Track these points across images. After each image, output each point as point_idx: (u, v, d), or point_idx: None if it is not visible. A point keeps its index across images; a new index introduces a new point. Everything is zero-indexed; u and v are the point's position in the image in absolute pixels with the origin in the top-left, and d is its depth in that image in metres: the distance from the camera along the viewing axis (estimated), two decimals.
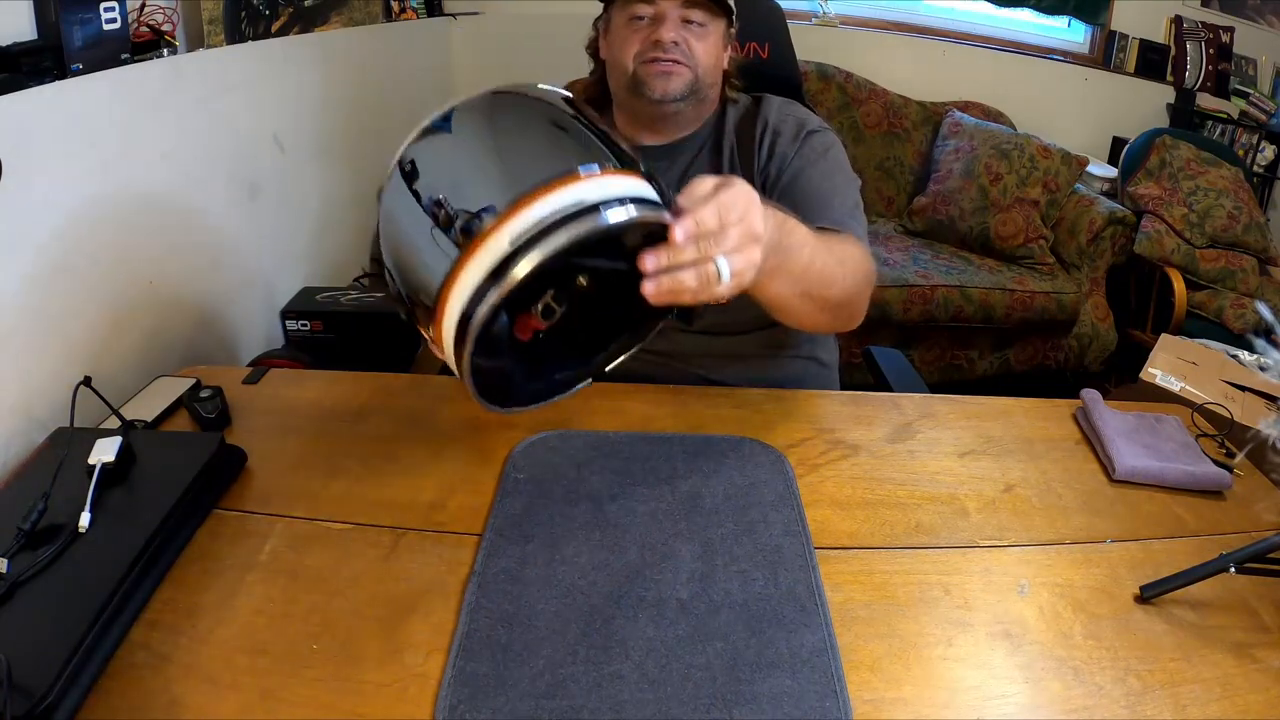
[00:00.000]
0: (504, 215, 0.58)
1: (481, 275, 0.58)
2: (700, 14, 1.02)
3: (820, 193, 1.03)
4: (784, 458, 0.93)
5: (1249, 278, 2.50)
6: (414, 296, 0.65)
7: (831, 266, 0.85)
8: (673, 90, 1.03)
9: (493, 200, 0.59)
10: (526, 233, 0.57)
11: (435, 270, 0.61)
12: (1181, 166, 2.62)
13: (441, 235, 0.61)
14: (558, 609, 0.72)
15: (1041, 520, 0.87)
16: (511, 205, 0.58)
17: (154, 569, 0.75)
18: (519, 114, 0.70)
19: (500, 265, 0.57)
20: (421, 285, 0.63)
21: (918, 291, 2.30)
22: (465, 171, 0.64)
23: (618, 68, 1.06)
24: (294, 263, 1.96)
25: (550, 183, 0.59)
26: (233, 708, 0.64)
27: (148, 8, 1.35)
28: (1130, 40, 2.99)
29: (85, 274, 1.19)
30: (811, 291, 0.85)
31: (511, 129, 0.68)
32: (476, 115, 0.68)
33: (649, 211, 0.61)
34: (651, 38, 1.01)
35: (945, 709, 0.66)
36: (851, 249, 0.93)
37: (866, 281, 0.94)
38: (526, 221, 0.57)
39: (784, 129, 1.08)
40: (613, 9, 1.06)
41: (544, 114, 0.69)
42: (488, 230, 0.58)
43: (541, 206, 0.58)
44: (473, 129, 0.68)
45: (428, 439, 0.96)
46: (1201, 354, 1.42)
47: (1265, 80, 2.91)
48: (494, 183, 0.62)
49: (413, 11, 2.69)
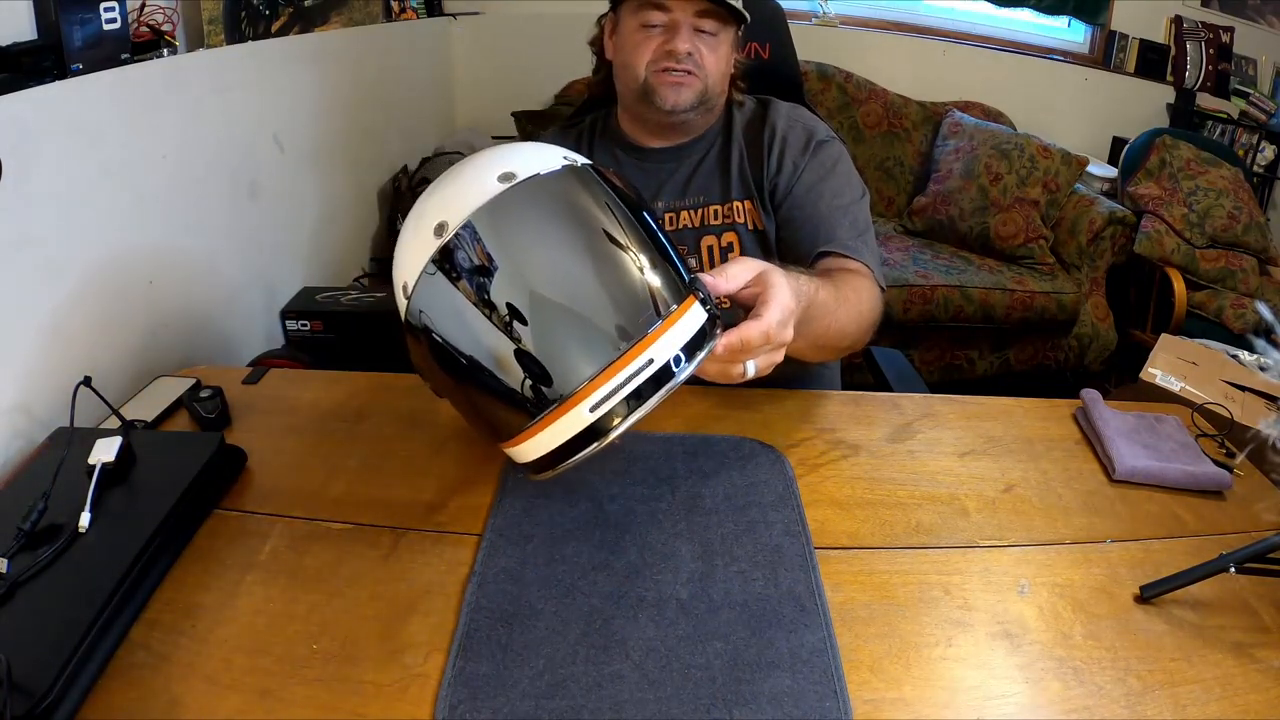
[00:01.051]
0: (582, 391, 0.61)
1: (557, 443, 0.63)
2: (712, 23, 1.01)
3: (831, 213, 1.04)
4: (784, 458, 0.93)
5: (1249, 278, 2.50)
6: (475, 406, 0.68)
7: (849, 319, 0.89)
8: (683, 102, 1.02)
9: (572, 369, 0.61)
10: (605, 401, 0.61)
11: (507, 419, 0.64)
12: (1181, 166, 2.62)
13: (518, 385, 0.62)
14: (558, 609, 0.72)
15: (1041, 520, 0.87)
16: (590, 380, 0.61)
17: (154, 569, 0.75)
18: (578, 240, 0.65)
19: (581, 434, 0.62)
20: (489, 414, 0.67)
21: (918, 291, 2.29)
22: (544, 321, 0.62)
23: (628, 73, 1.04)
24: (294, 263, 1.96)
25: (624, 356, 0.61)
26: (233, 708, 0.64)
27: (148, 8, 1.35)
28: (1130, 40, 2.99)
29: (85, 273, 1.19)
30: (826, 344, 0.89)
31: (575, 271, 0.64)
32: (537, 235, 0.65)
33: (705, 353, 0.64)
34: (665, 47, 1.00)
35: (945, 709, 0.66)
36: (865, 291, 0.96)
37: (876, 319, 0.98)
38: (605, 391, 0.61)
39: (793, 138, 1.08)
40: (622, 9, 1.04)
41: (601, 236, 0.65)
42: (569, 402, 0.61)
43: (618, 377, 0.61)
44: (537, 257, 0.64)
45: (428, 439, 0.96)
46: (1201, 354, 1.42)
47: (1265, 80, 2.91)
48: (574, 346, 0.62)
49: (413, 11, 2.69)
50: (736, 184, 1.09)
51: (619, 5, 1.05)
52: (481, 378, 0.63)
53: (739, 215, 1.08)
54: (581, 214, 0.66)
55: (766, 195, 1.08)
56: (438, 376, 0.68)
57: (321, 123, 2.09)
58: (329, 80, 2.12)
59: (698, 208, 1.09)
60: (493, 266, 0.62)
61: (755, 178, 1.08)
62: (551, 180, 0.66)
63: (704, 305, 0.65)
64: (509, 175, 0.64)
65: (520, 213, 0.64)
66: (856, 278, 0.98)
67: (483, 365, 0.63)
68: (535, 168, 0.65)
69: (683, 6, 0.99)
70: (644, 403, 0.62)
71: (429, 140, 2.87)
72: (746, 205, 1.08)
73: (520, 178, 0.64)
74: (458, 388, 0.67)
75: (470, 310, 0.62)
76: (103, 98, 1.23)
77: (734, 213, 1.08)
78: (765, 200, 1.08)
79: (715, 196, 1.09)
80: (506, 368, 0.62)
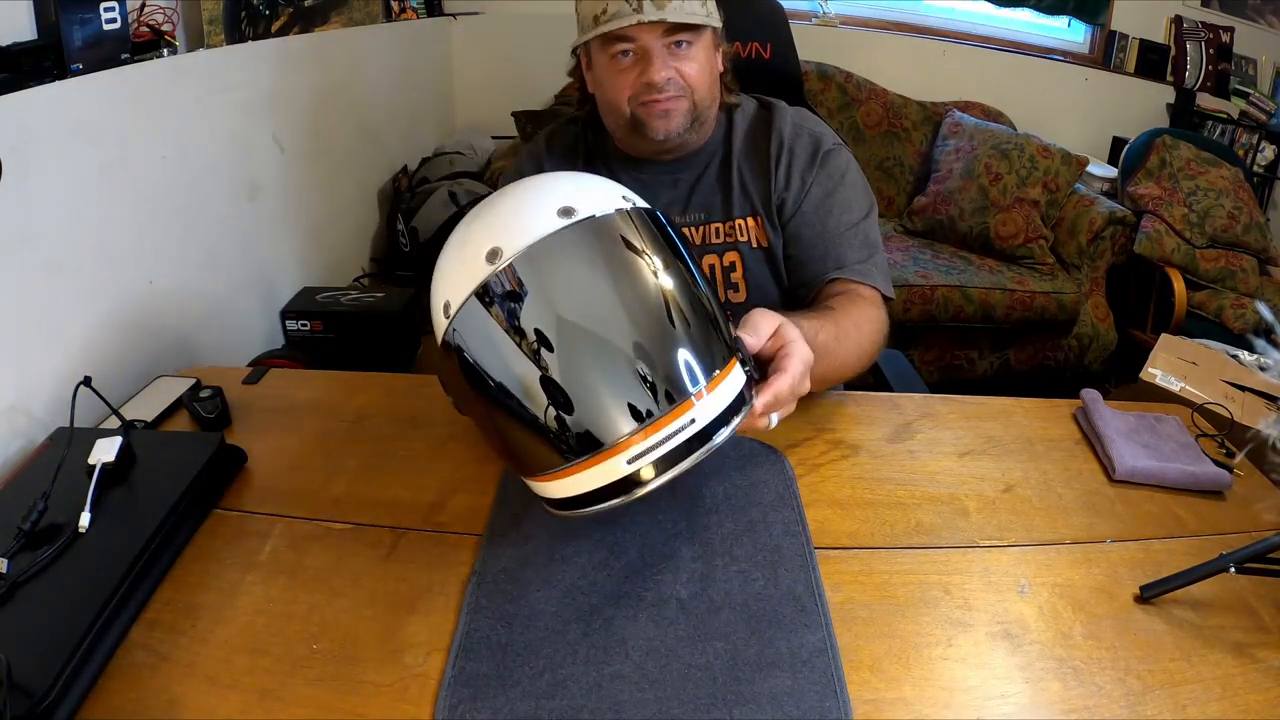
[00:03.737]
0: (623, 444, 0.60)
1: (587, 488, 0.63)
2: (683, 34, 0.94)
3: (840, 233, 1.02)
4: (784, 458, 0.93)
5: (1249, 278, 2.49)
6: (506, 436, 0.67)
7: (846, 359, 0.92)
8: (675, 127, 0.98)
9: (616, 419, 0.61)
10: (644, 456, 0.61)
11: (539, 456, 0.64)
12: (1181, 166, 2.62)
13: (558, 426, 0.62)
14: (558, 609, 0.72)
15: (1041, 520, 0.87)
16: (632, 435, 0.60)
17: (154, 569, 0.75)
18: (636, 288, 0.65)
19: (613, 485, 0.62)
20: (520, 447, 0.66)
21: (918, 291, 2.29)
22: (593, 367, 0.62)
23: (612, 110, 1.00)
24: (294, 263, 1.96)
25: (669, 414, 0.61)
26: (233, 708, 0.64)
27: (148, 8, 1.35)
28: (1130, 40, 2.99)
29: (85, 273, 1.19)
30: (828, 380, 0.92)
31: (630, 318, 0.63)
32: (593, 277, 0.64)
33: (742, 417, 0.65)
34: (642, 79, 0.94)
35: (945, 709, 0.66)
36: (868, 322, 0.96)
37: (880, 346, 0.99)
38: (645, 445, 0.61)
39: (799, 149, 1.04)
40: (590, 45, 0.97)
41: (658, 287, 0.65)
42: (608, 452, 0.61)
43: (661, 434, 0.61)
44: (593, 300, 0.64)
45: (428, 439, 0.96)
46: (1201, 354, 1.42)
47: (1265, 80, 2.91)
48: (621, 396, 0.61)
49: (413, 11, 2.69)
50: (739, 200, 1.05)
51: (588, 41, 0.97)
52: (520, 411, 0.62)
53: (742, 233, 1.05)
54: (640, 261, 0.65)
55: (774, 210, 1.04)
56: (469, 398, 0.67)
57: (321, 123, 2.09)
58: (329, 80, 2.12)
59: (699, 225, 1.06)
60: (544, 304, 0.61)
61: (761, 193, 1.05)
62: (611, 222, 0.65)
63: (743, 366, 0.66)
64: (568, 210, 0.63)
65: (578, 252, 0.63)
66: (860, 307, 0.96)
67: (523, 401, 0.62)
68: (595, 206, 0.64)
69: (647, 32, 0.93)
70: (678, 464, 0.62)
71: (429, 140, 2.87)
72: (750, 222, 1.05)
73: (580, 215, 0.63)
74: (491, 415, 0.66)
75: (516, 344, 0.61)
76: (103, 98, 1.24)
77: (736, 231, 1.05)
78: (772, 215, 1.04)
79: (717, 214, 1.06)
80: (548, 408, 0.61)
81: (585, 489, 0.63)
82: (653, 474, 0.61)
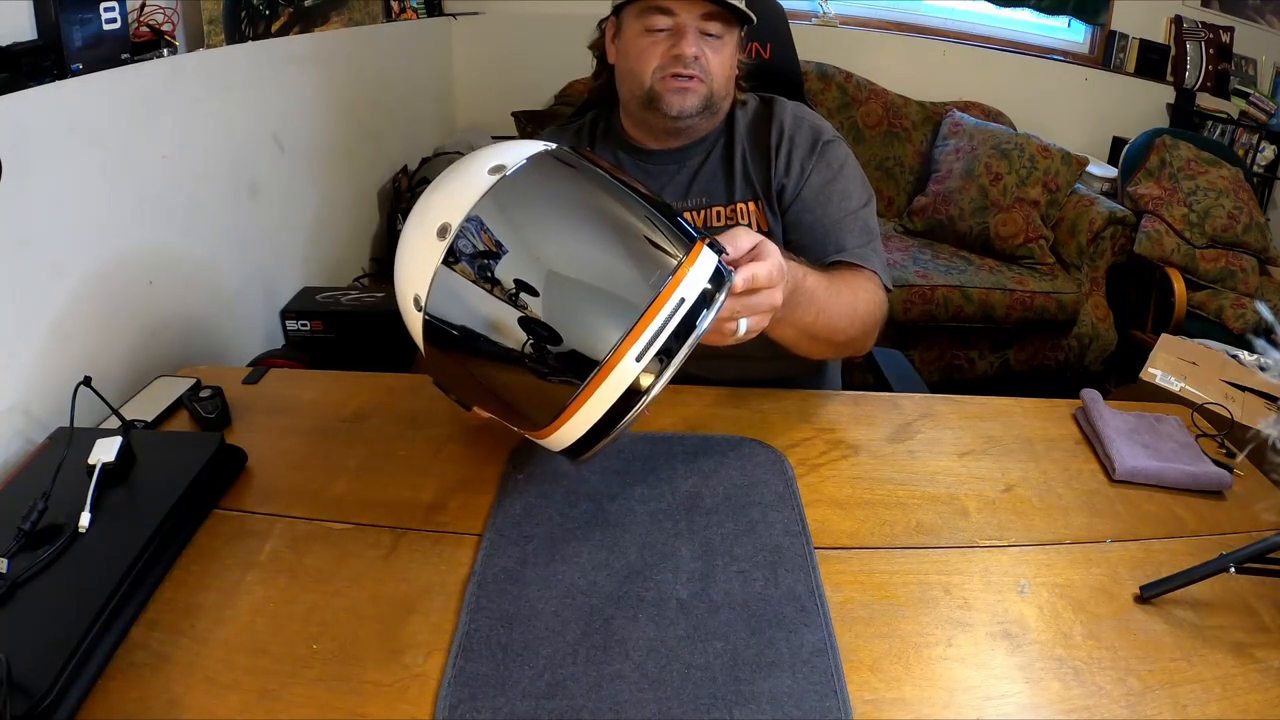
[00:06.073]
0: (626, 342, 0.62)
1: (602, 411, 0.64)
2: (718, 25, 0.99)
3: (840, 220, 1.04)
4: (784, 458, 0.93)
5: (1249, 278, 2.49)
6: (514, 398, 0.68)
7: (840, 314, 0.92)
8: (689, 108, 1.01)
9: (611, 325, 0.62)
10: (648, 350, 0.63)
11: (552, 397, 0.64)
12: (1181, 166, 2.62)
13: (559, 357, 0.63)
14: (558, 609, 0.72)
15: (1041, 520, 0.87)
16: (631, 330, 0.62)
17: (154, 569, 0.75)
18: (586, 206, 0.68)
19: (623, 398, 0.64)
20: (531, 401, 0.66)
21: (918, 291, 2.30)
22: (572, 288, 0.64)
23: (632, 78, 1.03)
24: (294, 263, 1.96)
25: (659, 299, 0.63)
26: (233, 708, 0.64)
27: (148, 8, 1.35)
28: (1130, 40, 2.99)
29: (85, 274, 1.19)
30: (818, 335, 0.92)
31: (590, 236, 0.67)
32: (544, 213, 0.67)
33: (726, 293, 0.67)
34: (672, 51, 0.98)
35: (945, 709, 0.66)
36: (864, 292, 0.97)
37: (876, 320, 0.99)
38: (646, 338, 0.63)
39: (800, 138, 1.07)
40: (624, 14, 1.02)
41: (605, 201, 0.68)
42: (615, 357, 0.62)
43: (656, 321, 0.63)
44: (550, 233, 0.66)
45: (428, 439, 0.96)
46: (1201, 354, 1.42)
47: (1265, 80, 2.91)
48: (607, 304, 0.63)
49: (413, 11, 2.69)
50: (741, 185, 1.08)
51: (621, 9, 1.03)
52: (520, 363, 0.63)
53: (743, 217, 1.08)
54: (581, 187, 0.68)
55: (774, 196, 1.07)
56: (467, 381, 0.68)
57: (321, 123, 2.09)
58: (329, 80, 2.12)
59: (700, 209, 1.09)
60: (506, 251, 0.63)
61: (761, 179, 1.07)
62: (542, 162, 0.68)
63: (712, 248, 0.68)
64: (499, 168, 0.66)
65: (522, 196, 0.65)
66: (859, 277, 0.98)
67: (519, 351, 0.63)
68: (523, 156, 0.67)
69: (688, 9, 0.97)
70: (682, 344, 0.64)
71: (429, 140, 2.87)
72: (751, 207, 1.08)
73: (511, 167, 0.66)
74: (493, 382, 0.67)
75: (494, 299, 0.63)
76: (103, 98, 1.23)
77: (738, 215, 1.08)
78: (772, 201, 1.07)
79: (719, 198, 1.08)
80: (543, 344, 0.63)
81: (599, 414, 0.64)
82: (654, 375, 0.63)
